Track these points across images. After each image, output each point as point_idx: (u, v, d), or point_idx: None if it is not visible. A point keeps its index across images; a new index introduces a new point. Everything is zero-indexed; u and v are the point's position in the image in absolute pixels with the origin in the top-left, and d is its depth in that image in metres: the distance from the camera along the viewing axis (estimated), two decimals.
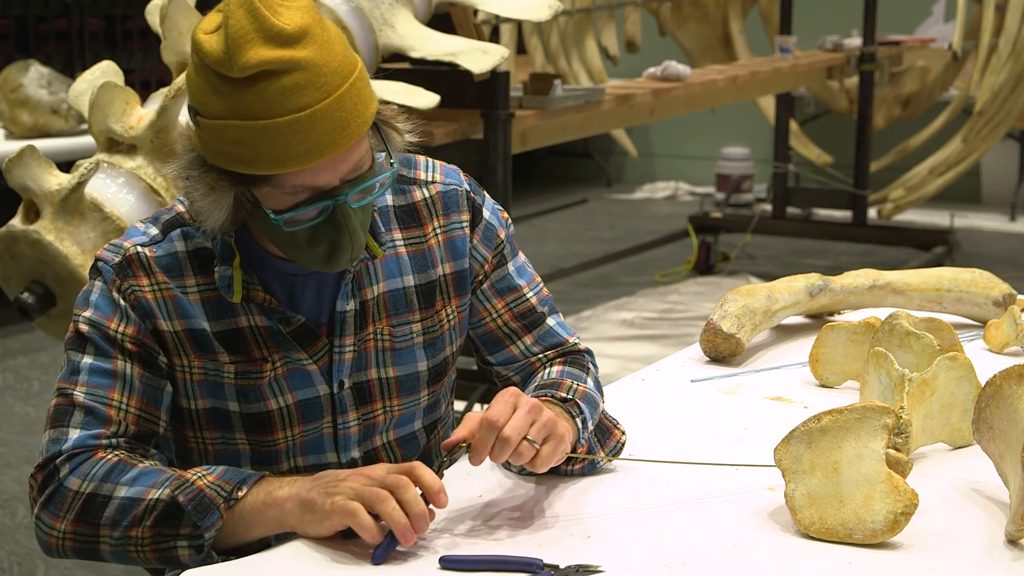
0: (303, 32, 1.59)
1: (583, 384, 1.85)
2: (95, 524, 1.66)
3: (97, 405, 1.71)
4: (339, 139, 1.61)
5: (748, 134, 8.91)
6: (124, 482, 1.66)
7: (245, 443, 1.80)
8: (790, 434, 1.67)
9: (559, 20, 6.55)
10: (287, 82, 1.57)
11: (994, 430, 1.70)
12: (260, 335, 1.76)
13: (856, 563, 1.56)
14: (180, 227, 1.77)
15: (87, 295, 1.76)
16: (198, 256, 1.76)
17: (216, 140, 1.62)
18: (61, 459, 1.69)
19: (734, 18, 7.33)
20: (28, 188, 3.03)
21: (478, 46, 3.62)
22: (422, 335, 1.85)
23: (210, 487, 1.63)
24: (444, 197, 1.88)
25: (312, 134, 1.59)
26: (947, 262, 6.42)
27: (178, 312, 1.75)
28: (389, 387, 1.84)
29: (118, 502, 1.65)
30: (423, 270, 1.85)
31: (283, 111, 1.58)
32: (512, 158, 3.83)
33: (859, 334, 2.16)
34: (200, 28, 1.62)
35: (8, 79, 5.44)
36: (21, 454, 4.44)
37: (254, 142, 1.59)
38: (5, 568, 3.60)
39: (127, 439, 1.72)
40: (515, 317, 1.92)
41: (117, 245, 1.77)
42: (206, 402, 1.78)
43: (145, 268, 1.74)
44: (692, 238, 6.96)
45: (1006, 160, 8.31)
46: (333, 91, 1.60)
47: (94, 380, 1.72)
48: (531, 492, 1.77)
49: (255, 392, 1.77)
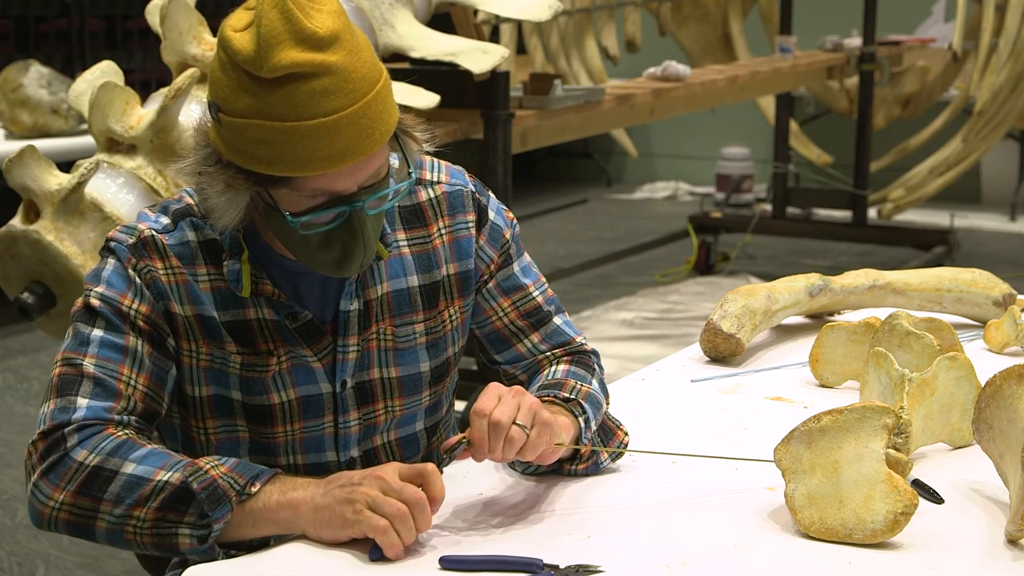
0: (334, 36, 1.59)
1: (587, 385, 1.86)
2: (97, 498, 1.63)
3: (107, 378, 1.69)
4: (363, 146, 1.61)
5: (748, 134, 8.91)
6: (133, 459, 1.63)
7: (245, 431, 1.80)
8: (790, 434, 1.67)
9: (559, 20, 6.55)
10: (316, 86, 1.57)
11: (994, 430, 1.70)
12: (267, 328, 1.77)
13: (856, 563, 1.56)
14: (190, 216, 1.77)
15: (98, 272, 1.75)
16: (208, 247, 1.76)
17: (238, 138, 1.61)
18: (70, 428, 1.66)
19: (734, 18, 7.33)
20: (28, 188, 3.03)
21: (478, 46, 3.62)
22: (425, 335, 1.85)
23: (223, 478, 1.62)
24: (449, 197, 1.88)
25: (337, 139, 1.59)
26: (947, 262, 6.42)
27: (190, 297, 1.75)
28: (391, 387, 1.84)
29: (125, 478, 1.62)
30: (427, 270, 1.85)
31: (310, 114, 1.58)
32: (512, 158, 3.83)
33: (859, 334, 2.16)
34: (229, 25, 1.62)
35: (8, 79, 5.44)
36: (21, 454, 4.42)
37: (278, 143, 1.59)
38: (5, 568, 3.60)
39: (136, 416, 1.70)
40: (521, 316, 1.93)
41: (131, 227, 1.76)
42: (210, 389, 1.78)
43: (160, 251, 1.74)
44: (692, 238, 6.96)
45: (1006, 160, 8.31)
46: (360, 98, 1.60)
47: (104, 353, 1.70)
48: (532, 492, 1.77)
49: (259, 384, 1.77)
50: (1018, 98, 6.87)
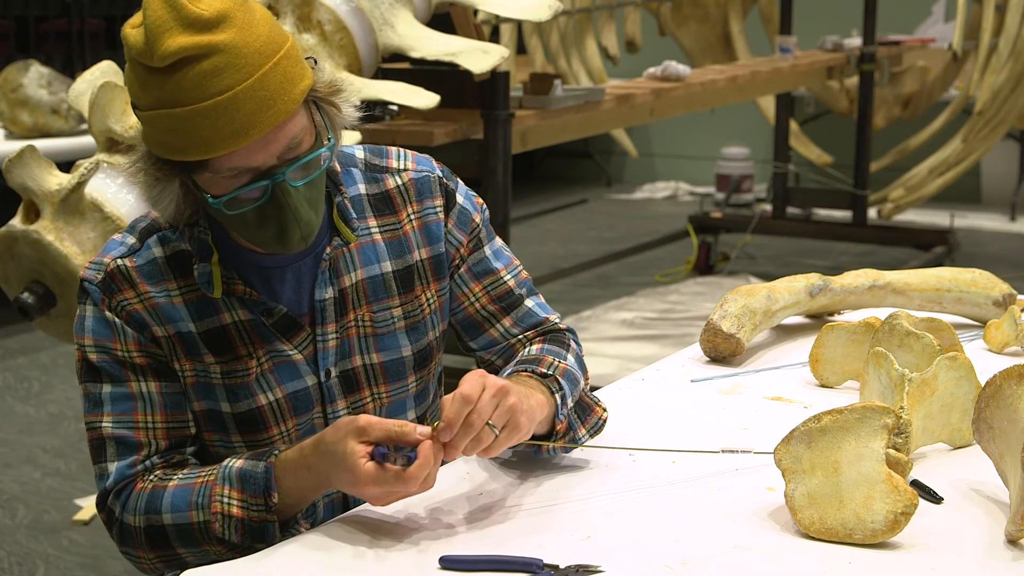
0: (221, 16, 1.60)
1: (563, 361, 1.87)
2: (169, 547, 1.72)
3: (125, 432, 1.75)
4: (265, 119, 1.62)
5: (748, 134, 8.91)
6: (164, 510, 1.71)
7: (241, 445, 1.81)
8: (790, 434, 1.67)
9: (559, 20, 6.56)
10: (207, 66, 1.59)
11: (994, 430, 1.70)
12: (244, 330, 1.78)
13: (856, 563, 1.56)
14: (156, 232, 1.79)
15: (82, 321, 1.78)
16: (176, 259, 1.78)
17: (152, 131, 1.64)
18: (111, 498, 1.75)
19: (734, 18, 7.33)
20: (28, 188, 3.03)
21: (478, 46, 3.62)
22: (404, 319, 1.87)
23: (245, 511, 1.68)
24: (417, 184, 1.90)
25: (237, 116, 1.60)
26: (947, 262, 6.42)
27: (165, 317, 1.77)
28: (375, 373, 1.86)
29: (173, 530, 1.71)
30: (400, 255, 1.87)
31: (205, 95, 1.59)
32: (512, 158, 3.83)
33: (859, 334, 2.16)
34: (128, 23, 1.64)
35: (8, 79, 5.44)
36: (21, 454, 4.44)
37: (183, 129, 1.61)
38: (5, 568, 3.60)
39: (160, 454, 1.76)
40: (492, 300, 1.94)
41: (97, 262, 1.79)
42: (201, 404, 1.80)
43: (128, 280, 1.76)
44: (692, 238, 6.96)
45: (1006, 160, 8.31)
46: (255, 71, 1.61)
47: (117, 408, 1.76)
48: (532, 491, 1.77)
49: (244, 390, 1.79)
50: (1018, 98, 6.87)
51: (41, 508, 3.98)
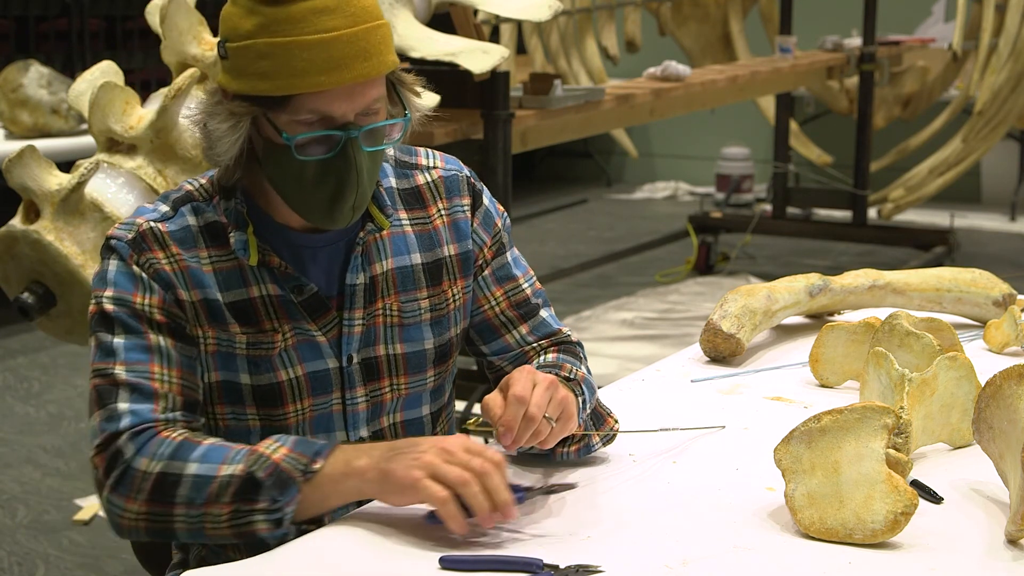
0: None
1: (580, 369, 1.90)
2: (169, 503, 1.65)
3: (141, 381, 1.71)
4: (359, 68, 1.67)
5: (748, 134, 8.91)
6: (194, 459, 1.65)
7: (256, 418, 1.81)
8: (790, 434, 1.67)
9: (559, 20, 6.56)
10: (319, 4, 1.65)
11: (994, 430, 1.70)
12: (272, 305, 1.78)
13: (856, 563, 1.56)
14: (190, 202, 1.80)
15: (104, 274, 1.76)
16: (210, 229, 1.78)
17: (241, 59, 1.68)
18: (123, 439, 1.68)
19: (734, 18, 7.33)
20: (28, 188, 3.03)
21: (478, 46, 3.63)
22: (430, 312, 1.88)
23: (286, 460, 1.63)
24: (446, 181, 1.93)
25: (334, 55, 1.65)
26: (947, 262, 6.42)
27: (194, 282, 1.76)
28: (397, 364, 1.86)
29: (191, 480, 1.64)
30: (429, 249, 1.89)
31: (311, 30, 1.65)
32: (512, 158, 3.84)
33: (859, 334, 2.16)
34: None
35: (8, 79, 5.44)
36: (21, 454, 4.44)
37: (278, 56, 1.65)
38: (5, 568, 3.60)
39: (182, 412, 1.73)
40: (512, 306, 1.96)
41: (129, 223, 1.78)
42: (218, 374, 1.79)
43: (160, 242, 1.76)
44: (692, 238, 6.96)
45: (1006, 160, 8.31)
46: (361, 23, 1.68)
47: (131, 357, 1.72)
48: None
49: (266, 363, 1.79)
50: (1018, 98, 6.87)
51: (41, 508, 3.98)
